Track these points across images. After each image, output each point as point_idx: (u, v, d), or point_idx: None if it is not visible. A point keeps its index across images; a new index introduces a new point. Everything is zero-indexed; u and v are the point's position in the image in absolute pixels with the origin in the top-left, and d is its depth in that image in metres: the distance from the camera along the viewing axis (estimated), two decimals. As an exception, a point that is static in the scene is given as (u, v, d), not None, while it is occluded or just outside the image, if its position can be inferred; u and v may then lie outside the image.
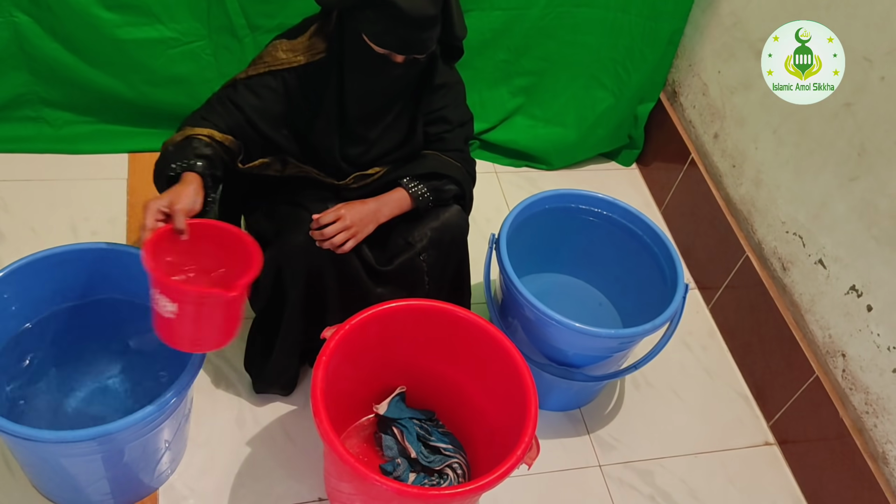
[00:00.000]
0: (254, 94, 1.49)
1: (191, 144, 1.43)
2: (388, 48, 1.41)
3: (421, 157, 1.61)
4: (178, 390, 1.33)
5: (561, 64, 2.29)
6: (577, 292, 2.01)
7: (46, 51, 1.93)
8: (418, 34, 1.39)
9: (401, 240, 1.59)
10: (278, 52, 1.49)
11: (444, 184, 1.60)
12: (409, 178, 1.58)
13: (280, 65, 1.48)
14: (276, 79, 1.49)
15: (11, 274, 1.42)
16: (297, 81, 1.49)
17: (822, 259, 1.80)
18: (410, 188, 1.57)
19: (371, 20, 1.38)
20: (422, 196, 1.57)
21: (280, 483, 1.61)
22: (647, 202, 2.43)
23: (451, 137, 1.63)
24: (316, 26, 1.49)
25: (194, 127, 1.46)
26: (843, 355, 1.75)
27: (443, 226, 1.60)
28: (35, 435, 1.24)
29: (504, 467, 1.32)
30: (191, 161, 1.40)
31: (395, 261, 1.58)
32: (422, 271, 1.61)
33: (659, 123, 2.41)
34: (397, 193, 1.57)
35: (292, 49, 1.49)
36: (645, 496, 1.75)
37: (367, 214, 1.53)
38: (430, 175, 1.59)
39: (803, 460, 1.83)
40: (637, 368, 1.74)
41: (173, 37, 1.96)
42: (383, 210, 1.55)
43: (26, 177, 2.03)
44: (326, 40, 1.47)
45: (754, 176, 2.02)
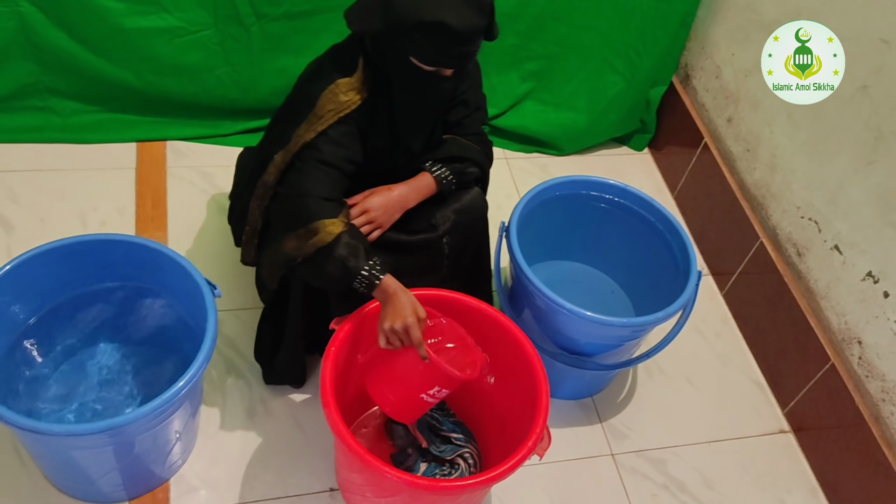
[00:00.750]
0: (338, 146, 1.44)
1: (357, 247, 1.37)
2: (440, 66, 1.39)
3: (441, 142, 1.60)
4: (189, 381, 1.32)
5: (571, 48, 2.26)
6: (588, 280, 1.99)
7: (53, 40, 1.92)
8: (468, 48, 1.37)
9: (424, 222, 1.57)
10: (338, 96, 1.43)
11: (466, 166, 1.59)
12: (433, 163, 1.57)
13: (346, 108, 1.43)
14: (348, 124, 1.45)
15: (21, 265, 1.41)
16: (362, 116, 1.46)
17: (838, 245, 1.77)
18: (435, 172, 1.56)
19: (419, 42, 1.35)
20: (445, 179, 1.56)
21: (291, 473, 1.61)
22: (659, 187, 2.40)
23: (469, 122, 1.62)
24: (364, 58, 1.44)
25: (326, 219, 1.37)
26: (859, 342, 1.72)
27: (464, 208, 1.59)
28: (45, 428, 1.24)
29: (515, 458, 1.31)
30: (375, 266, 1.37)
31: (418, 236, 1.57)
32: (443, 254, 1.59)
33: (671, 107, 2.38)
34: (423, 178, 1.55)
35: (351, 88, 1.43)
36: (658, 485, 1.73)
37: (394, 202, 1.51)
38: (451, 158, 1.58)
39: (818, 448, 1.82)
40: (650, 357, 1.72)
41: (179, 26, 1.95)
42: (410, 196, 1.54)
43: (34, 167, 2.03)
44: (375, 67, 1.45)
45: (769, 160, 1.99)
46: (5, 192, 1.96)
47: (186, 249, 1.92)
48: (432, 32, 1.32)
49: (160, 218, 1.97)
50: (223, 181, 2.08)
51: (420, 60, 1.38)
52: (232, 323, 1.81)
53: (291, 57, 2.07)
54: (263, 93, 2.13)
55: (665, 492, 1.73)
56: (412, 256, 1.57)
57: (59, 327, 1.56)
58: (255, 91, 2.12)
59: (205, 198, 2.05)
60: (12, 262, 1.40)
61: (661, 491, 1.73)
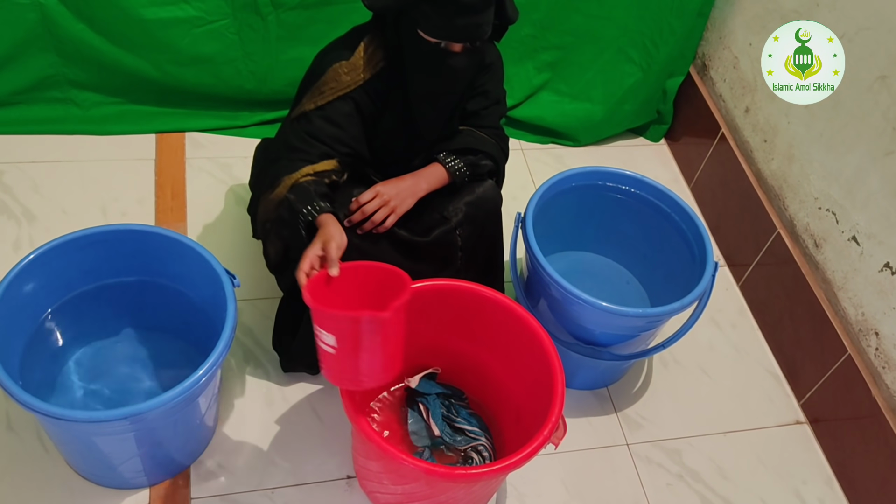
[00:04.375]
0: (330, 123, 1.49)
1: (307, 189, 1.43)
2: (447, 38, 1.40)
3: (456, 133, 1.61)
4: (209, 370, 1.34)
5: (587, 38, 2.25)
6: (603, 270, 1.99)
7: (73, 32, 1.93)
8: (475, 19, 1.38)
9: (436, 214, 1.58)
10: (340, 76, 1.47)
11: (480, 159, 1.60)
12: (446, 154, 1.58)
13: (346, 88, 1.47)
14: (346, 103, 1.48)
15: (45, 254, 1.43)
16: (367, 97, 1.49)
17: (856, 236, 1.77)
18: (447, 163, 1.57)
19: (426, 14, 1.37)
20: (458, 171, 1.57)
21: (309, 461, 1.63)
22: (675, 178, 2.40)
23: (487, 114, 1.63)
24: (369, 37, 1.48)
25: (292, 174, 1.46)
26: (876, 333, 1.72)
27: (478, 200, 1.59)
28: (68, 415, 1.26)
29: (531, 447, 1.32)
30: (319, 204, 1.42)
31: (432, 233, 1.58)
32: (455, 246, 1.60)
33: (688, 98, 2.37)
34: (434, 168, 1.56)
35: (353, 69, 1.47)
36: (673, 475, 1.74)
37: (405, 189, 1.52)
38: (465, 150, 1.58)
39: (835, 439, 1.81)
40: (665, 347, 1.72)
41: (198, 16, 1.96)
42: (421, 184, 1.55)
43: (56, 158, 2.05)
44: (383, 48, 1.47)
45: (786, 151, 1.98)
46: (28, 182, 1.98)
47: (205, 239, 1.94)
48: (436, 2, 1.35)
49: (179, 208, 1.99)
50: (241, 172, 2.10)
51: (427, 33, 1.39)
52: (250, 312, 1.83)
53: (308, 47, 2.06)
54: (280, 83, 2.14)
55: (680, 481, 1.73)
56: (427, 258, 1.59)
57: (80, 315, 1.58)
58: (273, 82, 2.14)
59: (223, 188, 2.07)
60: (36, 252, 1.42)
61: (676, 481, 1.73)
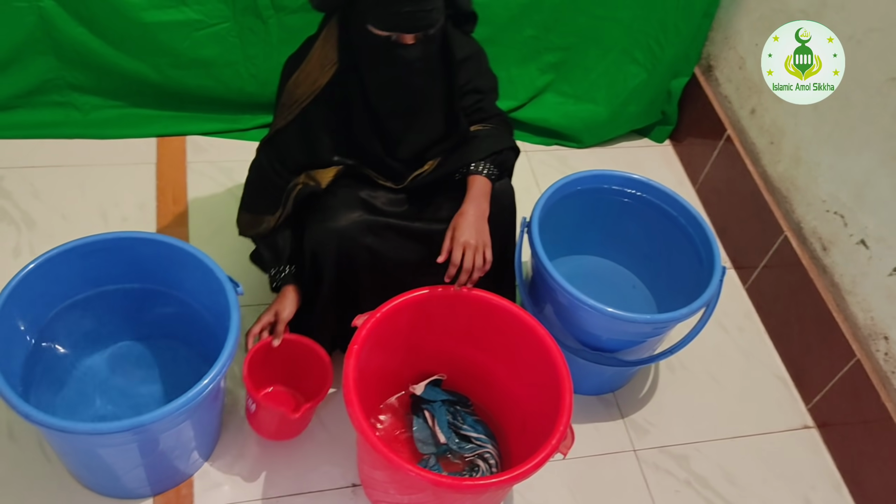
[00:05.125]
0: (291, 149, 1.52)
1: (276, 245, 1.58)
2: (395, 29, 1.36)
3: (473, 140, 1.57)
4: (212, 379, 1.33)
5: (591, 39, 2.23)
6: (609, 275, 1.97)
7: (72, 35, 1.92)
8: (421, 6, 1.34)
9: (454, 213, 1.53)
10: (296, 89, 1.47)
11: (506, 156, 1.59)
12: (476, 164, 1.55)
13: (304, 101, 1.47)
14: (304, 120, 1.48)
15: (45, 263, 1.42)
16: (326, 104, 1.47)
17: (865, 239, 1.75)
18: (483, 172, 1.54)
19: (371, 5, 1.35)
20: (493, 175, 1.56)
21: (313, 469, 1.61)
22: (680, 180, 2.38)
23: (486, 105, 1.60)
24: (319, 42, 1.46)
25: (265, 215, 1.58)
26: (885, 338, 1.70)
27: (494, 197, 1.55)
28: (70, 427, 1.25)
29: (539, 457, 1.31)
30: (285, 271, 1.57)
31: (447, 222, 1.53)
32: None
33: (693, 99, 2.35)
34: (478, 182, 1.53)
35: (306, 77, 1.46)
36: (681, 481, 1.72)
37: (476, 223, 1.48)
38: (492, 154, 1.56)
39: (843, 444, 1.80)
40: (672, 353, 1.71)
41: (198, 19, 1.94)
42: (482, 207, 1.51)
43: (56, 163, 2.03)
44: (335, 50, 1.44)
45: (793, 153, 1.96)
46: (27, 187, 1.96)
47: (207, 244, 1.90)
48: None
49: (181, 213, 1.98)
50: (243, 176, 2.04)
51: (376, 25, 1.36)
52: (252, 318, 1.79)
53: (310, 50, 2.06)
54: (282, 86, 2.12)
55: (688, 488, 1.72)
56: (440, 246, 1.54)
57: (82, 323, 1.56)
58: (274, 84, 2.05)
59: (225, 193, 2.05)
60: (38, 260, 1.41)
61: (684, 487, 1.72)
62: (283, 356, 1.58)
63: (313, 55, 1.46)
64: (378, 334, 1.46)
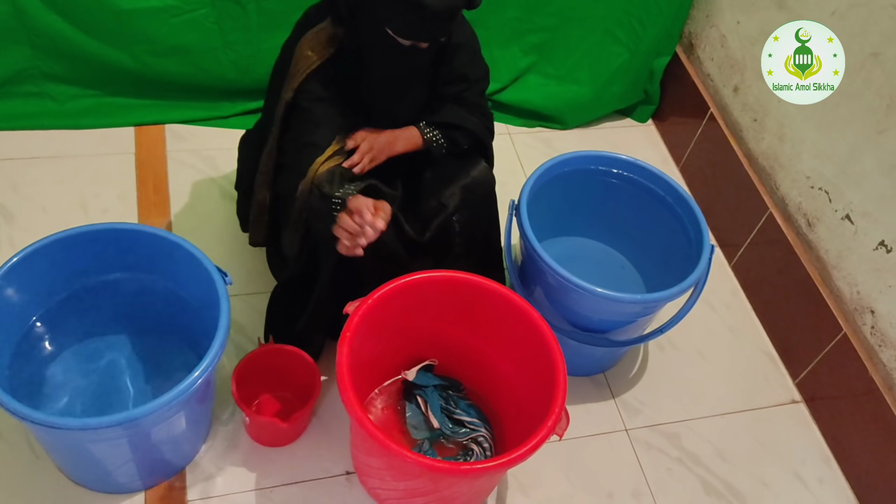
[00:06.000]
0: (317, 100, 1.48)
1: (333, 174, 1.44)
2: (415, 39, 1.39)
3: (439, 107, 1.59)
4: (203, 371, 1.31)
5: (574, 19, 2.22)
6: (597, 255, 1.97)
7: (47, 24, 1.87)
8: (448, 24, 1.37)
9: (433, 201, 1.56)
10: (305, 51, 1.46)
11: (461, 134, 1.58)
12: (426, 123, 1.56)
13: (313, 63, 1.45)
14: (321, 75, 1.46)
15: (28, 257, 1.39)
16: (333, 70, 1.47)
17: (850, 214, 1.76)
18: (425, 132, 1.56)
19: (394, 15, 1.35)
20: (436, 141, 1.56)
21: (307, 457, 1.60)
22: (664, 159, 2.38)
23: (469, 95, 1.60)
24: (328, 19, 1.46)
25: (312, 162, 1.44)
26: (871, 312, 1.72)
27: (473, 183, 1.57)
28: (60, 423, 1.23)
29: (535, 440, 1.31)
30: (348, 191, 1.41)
31: (430, 226, 1.56)
32: (454, 232, 1.58)
33: (676, 78, 2.35)
34: (410, 132, 1.56)
35: (318, 43, 1.45)
36: (672, 459, 1.74)
37: (383, 144, 1.52)
38: (446, 124, 1.57)
39: (831, 418, 1.82)
40: (662, 333, 1.71)
41: (175, 5, 1.90)
42: (397, 145, 1.54)
43: (33, 154, 1.99)
44: (341, 28, 1.44)
45: (777, 130, 1.97)
46: (5, 180, 1.92)
47: (191, 234, 1.88)
48: (410, 9, 1.32)
49: (163, 203, 1.95)
50: (224, 164, 2.05)
51: (396, 33, 1.37)
52: (240, 307, 1.79)
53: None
54: (262, 72, 2.07)
55: (680, 465, 1.73)
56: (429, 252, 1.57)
57: (68, 318, 1.54)
58: (254, 71, 2.09)
59: (206, 181, 2.02)
60: (19, 255, 1.38)
61: (676, 464, 1.73)
62: (271, 365, 1.59)
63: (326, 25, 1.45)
64: (370, 321, 1.44)
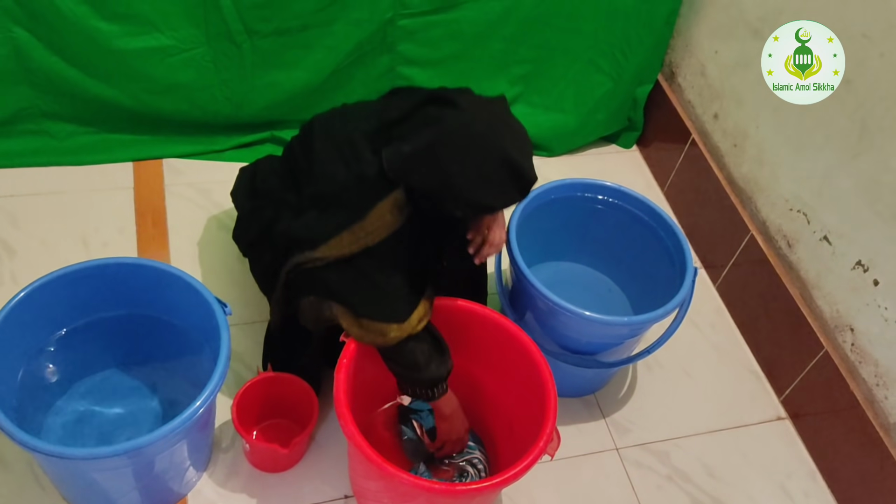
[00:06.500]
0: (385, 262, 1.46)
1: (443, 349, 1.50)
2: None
3: None
4: (205, 401, 1.35)
5: (558, 51, 2.29)
6: (585, 279, 2.03)
7: (46, 64, 1.93)
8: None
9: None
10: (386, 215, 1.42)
11: None
12: None
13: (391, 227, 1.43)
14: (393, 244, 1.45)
15: (32, 293, 1.43)
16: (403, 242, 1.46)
17: (827, 235, 1.82)
18: None
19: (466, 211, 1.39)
20: None
21: (306, 482, 1.64)
22: (649, 184, 2.45)
23: None
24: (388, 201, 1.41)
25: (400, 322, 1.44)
26: (851, 329, 1.77)
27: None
28: (65, 452, 1.27)
29: (527, 460, 1.36)
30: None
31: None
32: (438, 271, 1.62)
33: (658, 105, 2.42)
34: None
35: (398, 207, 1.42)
36: (662, 476, 1.78)
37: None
38: None
39: (816, 433, 1.87)
40: (649, 353, 1.76)
41: (172, 45, 1.96)
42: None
43: (33, 191, 2.04)
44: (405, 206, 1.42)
45: (756, 154, 2.04)
46: (6, 217, 1.97)
47: (190, 265, 1.94)
48: (480, 210, 1.42)
49: (161, 236, 2.00)
50: (221, 197, 2.11)
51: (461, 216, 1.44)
52: (238, 337, 1.83)
53: (283, 72, 2.09)
54: (256, 108, 2.15)
55: (670, 483, 1.77)
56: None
57: (71, 351, 1.58)
58: (248, 106, 2.15)
59: (204, 214, 2.07)
60: (25, 290, 1.42)
61: (666, 482, 1.77)
62: (270, 392, 1.63)
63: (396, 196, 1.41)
64: (367, 348, 1.49)
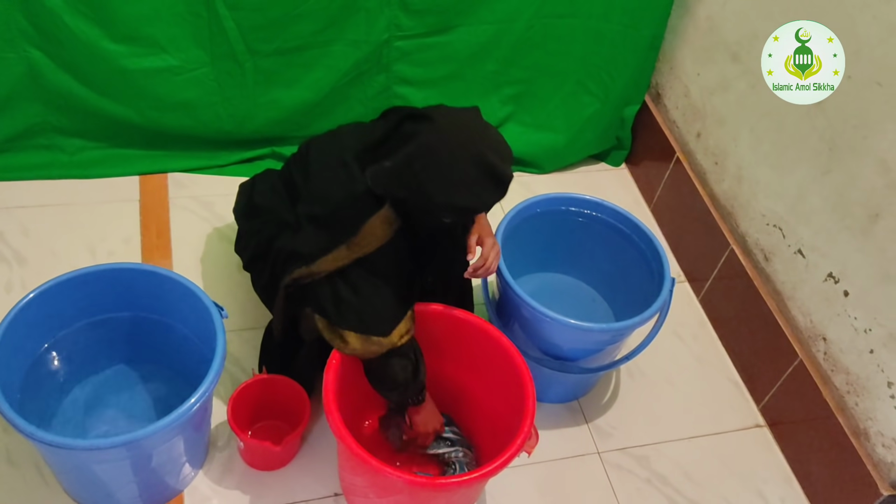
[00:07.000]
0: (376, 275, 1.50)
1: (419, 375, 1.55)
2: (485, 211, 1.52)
3: None
4: (200, 397, 1.43)
5: (548, 72, 2.38)
6: (570, 290, 2.10)
7: (59, 83, 2.03)
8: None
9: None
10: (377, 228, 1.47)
11: None
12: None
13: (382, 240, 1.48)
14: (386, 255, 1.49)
15: (42, 294, 1.52)
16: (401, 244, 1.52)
17: (801, 249, 1.90)
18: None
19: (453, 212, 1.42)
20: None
21: (297, 480, 1.71)
22: (636, 200, 2.53)
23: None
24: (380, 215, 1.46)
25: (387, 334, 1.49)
26: (823, 339, 1.84)
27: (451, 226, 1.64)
28: (69, 443, 1.35)
29: (506, 455, 1.42)
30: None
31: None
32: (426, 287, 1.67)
33: (645, 125, 2.51)
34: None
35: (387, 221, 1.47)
36: (642, 479, 1.84)
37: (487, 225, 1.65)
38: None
39: (792, 440, 1.93)
40: (630, 359, 1.84)
41: (178, 65, 2.06)
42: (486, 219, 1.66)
43: (44, 202, 2.13)
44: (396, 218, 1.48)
45: (735, 172, 2.12)
46: (17, 227, 2.06)
47: (191, 274, 2.02)
48: (462, 213, 1.47)
49: (165, 246, 2.09)
50: (223, 210, 2.20)
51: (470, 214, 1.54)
52: (235, 342, 1.91)
53: (284, 90, 2.19)
54: (258, 124, 2.25)
55: (649, 486, 1.84)
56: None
57: (75, 351, 1.66)
58: (250, 123, 2.24)
59: (206, 225, 2.16)
60: (35, 291, 1.51)
61: (645, 485, 1.84)
62: (264, 394, 1.70)
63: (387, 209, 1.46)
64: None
